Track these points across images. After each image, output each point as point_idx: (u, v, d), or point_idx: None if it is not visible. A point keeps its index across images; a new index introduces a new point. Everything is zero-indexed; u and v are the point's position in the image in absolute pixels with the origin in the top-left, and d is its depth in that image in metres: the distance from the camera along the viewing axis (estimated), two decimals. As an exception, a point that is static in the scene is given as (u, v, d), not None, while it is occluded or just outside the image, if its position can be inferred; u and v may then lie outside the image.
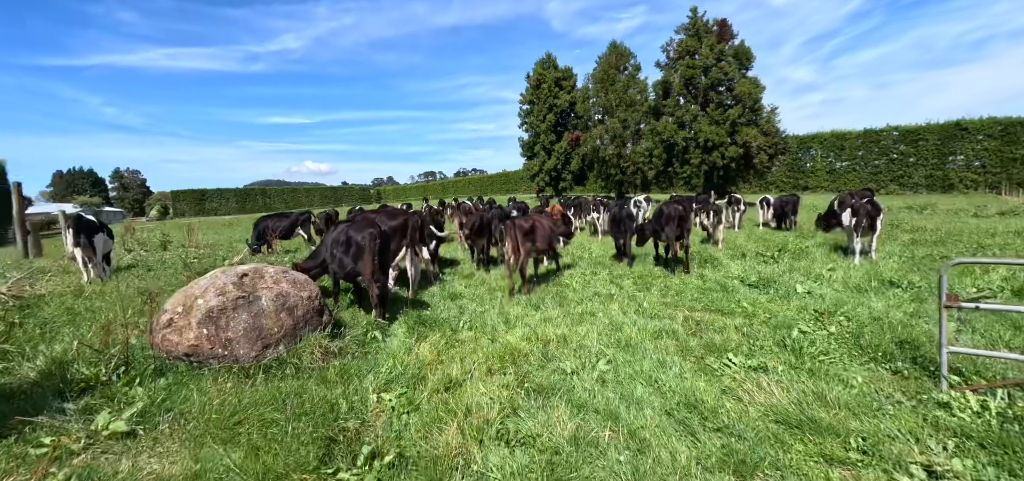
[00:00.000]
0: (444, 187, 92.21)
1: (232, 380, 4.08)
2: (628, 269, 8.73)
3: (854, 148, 38.45)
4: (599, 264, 9.39)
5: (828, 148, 40.06)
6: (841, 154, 39.38)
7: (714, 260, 9.10)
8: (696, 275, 7.91)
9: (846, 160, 38.97)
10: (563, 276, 8.34)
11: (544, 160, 43.12)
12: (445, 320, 5.79)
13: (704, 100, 31.60)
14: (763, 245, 10.72)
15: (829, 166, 40.03)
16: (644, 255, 10.09)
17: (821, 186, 39.68)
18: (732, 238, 12.37)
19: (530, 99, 44.58)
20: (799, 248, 9.97)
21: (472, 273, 9.07)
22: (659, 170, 34.31)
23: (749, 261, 8.93)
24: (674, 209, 8.35)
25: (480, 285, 7.99)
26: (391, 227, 6.80)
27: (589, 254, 10.80)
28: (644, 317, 5.69)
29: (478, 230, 9.97)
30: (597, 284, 7.63)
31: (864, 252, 9.03)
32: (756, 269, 8.01)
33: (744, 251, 9.86)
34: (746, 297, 6.34)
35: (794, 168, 42.02)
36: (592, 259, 10.06)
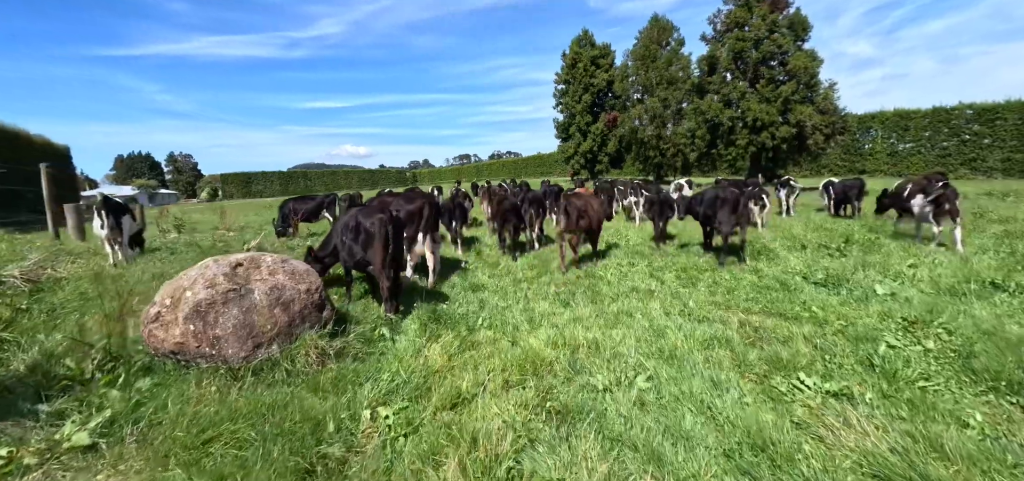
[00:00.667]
0: (478, 170, 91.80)
1: (218, 383, 3.63)
2: (670, 260, 7.84)
3: (920, 128, 34.89)
4: (637, 254, 8.54)
5: (890, 128, 36.58)
6: (905, 135, 35.87)
7: (769, 251, 8.06)
8: (750, 268, 6.96)
9: (910, 141, 35.47)
10: (597, 267, 7.57)
11: (579, 142, 41.78)
12: (462, 317, 5.19)
13: (754, 76, 29.39)
14: (825, 235, 9.51)
15: (891, 148, 36.62)
16: (688, 243, 9.15)
17: (880, 170, 36.43)
18: (787, 226, 11.14)
19: (565, 79, 43.13)
20: (867, 239, 8.75)
21: (497, 262, 8.44)
22: (702, 152, 32.42)
23: (811, 254, 7.84)
24: (730, 193, 7.40)
25: (505, 275, 7.36)
26: (406, 212, 6.24)
27: (626, 242, 9.94)
28: (691, 320, 4.88)
29: (505, 214, 9.32)
30: (635, 277, 6.83)
31: (942, 244, 7.75)
32: (821, 264, 6.96)
33: (804, 242, 8.72)
34: (813, 298, 5.39)
35: (851, 150, 38.78)
36: (629, 248, 9.21)
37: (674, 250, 8.75)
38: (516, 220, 9.60)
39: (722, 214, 7.41)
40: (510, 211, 9.40)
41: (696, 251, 8.46)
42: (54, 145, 39.37)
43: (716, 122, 30.57)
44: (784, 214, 14.67)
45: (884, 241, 8.53)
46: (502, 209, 9.44)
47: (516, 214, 9.55)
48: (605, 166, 41.66)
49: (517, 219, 9.67)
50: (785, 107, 27.83)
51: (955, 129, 33.10)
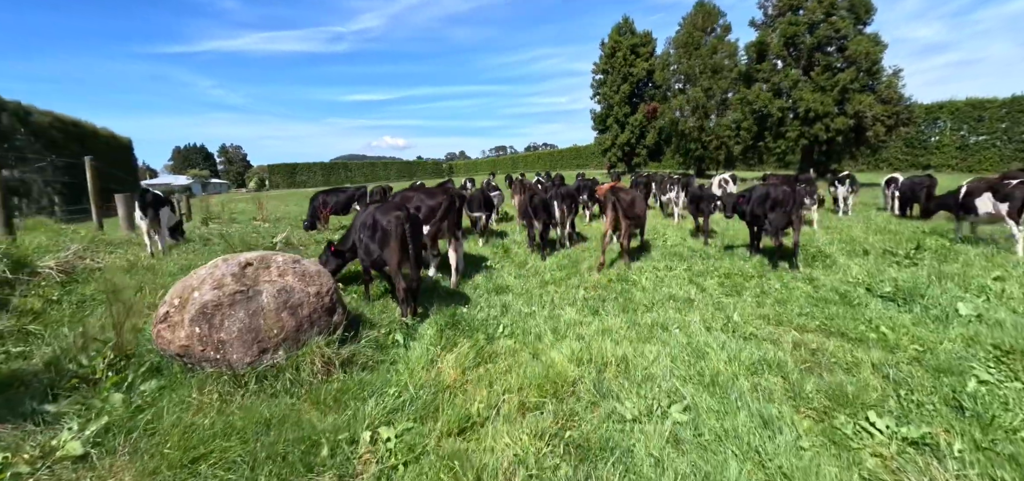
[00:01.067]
0: (513, 162, 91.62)
1: (221, 389, 3.47)
2: (712, 265, 7.22)
3: (995, 119, 31.70)
4: (675, 256, 7.94)
5: (961, 119, 33.43)
6: (978, 126, 32.66)
7: (824, 257, 7.27)
8: (803, 276, 6.26)
9: (984, 133, 32.30)
10: (631, 270, 7.06)
11: (617, 134, 40.61)
12: (482, 323, 4.86)
13: (808, 63, 27.43)
14: (890, 239, 8.56)
15: (961, 141, 33.43)
16: (732, 244, 8.44)
17: (948, 165, 33.34)
18: (844, 227, 10.15)
19: (604, 68, 41.94)
20: (941, 246, 7.76)
21: (525, 260, 8.06)
22: (747, 145, 30.68)
23: (874, 261, 7.00)
24: (782, 190, 6.71)
25: (532, 276, 6.98)
26: (427, 208, 5.96)
27: (664, 242, 9.32)
28: (736, 337, 4.34)
29: (534, 210, 8.91)
30: (672, 283, 6.29)
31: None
32: (887, 273, 6.17)
33: (865, 246, 7.84)
34: (880, 315, 4.70)
35: (915, 143, 35.76)
36: (667, 249, 8.60)
37: (717, 252, 8.08)
38: (546, 216, 9.18)
39: (776, 214, 6.72)
40: (539, 207, 8.98)
41: (741, 254, 7.76)
42: (118, 137, 42.12)
43: (764, 113, 28.78)
44: (841, 214, 13.50)
45: (962, 249, 7.53)
46: (531, 205, 9.04)
47: (546, 210, 9.13)
48: (643, 159, 40.34)
49: (547, 215, 9.24)
50: (842, 96, 25.80)
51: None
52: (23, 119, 25.51)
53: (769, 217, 6.82)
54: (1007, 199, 7.21)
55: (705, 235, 9.18)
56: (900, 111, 25.79)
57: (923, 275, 6.02)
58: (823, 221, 11.00)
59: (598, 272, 7.00)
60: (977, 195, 7.76)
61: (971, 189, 7.99)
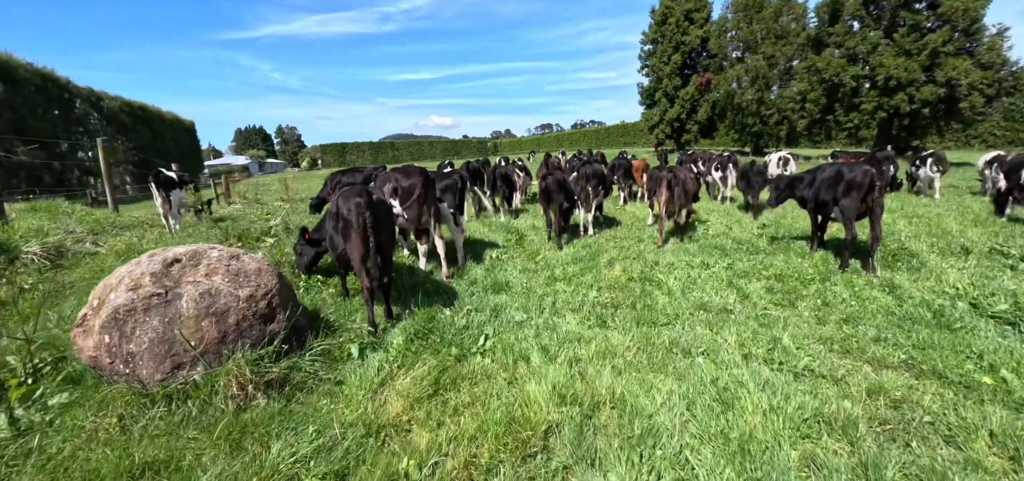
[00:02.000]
0: (558, 140, 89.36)
1: (125, 411, 2.88)
2: (760, 262, 5.96)
3: None
4: (716, 249, 6.70)
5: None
6: None
7: (909, 255, 5.82)
8: (881, 282, 4.93)
9: None
10: (659, 266, 5.97)
11: (665, 108, 38.05)
12: (460, 332, 4.04)
13: (890, 23, 24.04)
14: (997, 234, 6.87)
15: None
16: (783, 235, 7.08)
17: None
18: (934, 218, 8.38)
19: (653, 37, 39.22)
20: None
21: (538, 250, 7.14)
22: (813, 119, 27.62)
23: (978, 264, 5.49)
24: (862, 171, 5.35)
25: (541, 270, 6.06)
26: (402, 190, 5.18)
27: (705, 231, 8.04)
28: (783, 371, 3.24)
29: (549, 192, 7.92)
30: (707, 286, 5.15)
31: None
32: (999, 283, 4.72)
33: (964, 243, 6.25)
34: (995, 348, 3.41)
35: (1015, 116, 31.01)
36: (707, 240, 7.34)
37: (768, 246, 6.77)
38: (564, 199, 8.15)
39: (849, 201, 5.39)
40: (554, 188, 7.96)
41: (800, 249, 6.43)
42: (182, 120, 44.66)
43: (836, 82, 25.69)
44: (922, 194, 11.46)
45: (1102, 246, 5.81)
46: (546, 186, 8.04)
47: (563, 192, 8.10)
48: (694, 136, 37.64)
49: (565, 198, 8.21)
50: (932, 61, 22.40)
51: None
52: (95, 104, 27.19)
53: (841, 203, 5.48)
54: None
55: (755, 211, 7.98)
56: (1003, 78, 22.09)
57: (1052, 285, 4.54)
58: (906, 206, 9.22)
59: (659, 247, 7.05)
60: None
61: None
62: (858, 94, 25.18)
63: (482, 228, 8.96)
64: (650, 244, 7.21)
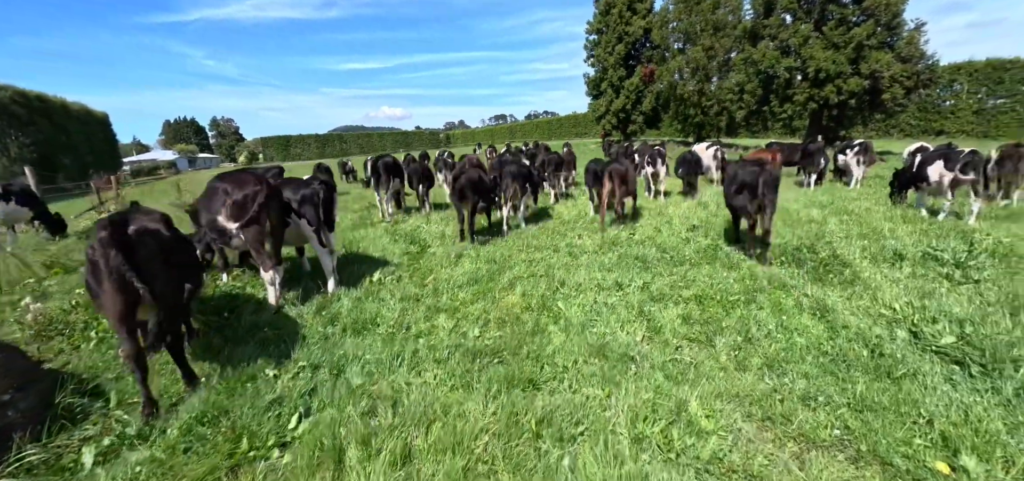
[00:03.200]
0: (511, 131, 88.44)
1: None
2: (684, 278, 5.17)
3: (1016, 81, 29.28)
4: (636, 260, 5.87)
5: (980, 81, 30.89)
6: (997, 89, 30.20)
7: (841, 265, 5.22)
8: (811, 305, 4.22)
9: (1003, 96, 29.90)
10: (565, 287, 5.05)
11: (611, 99, 37.85)
12: (268, 407, 2.90)
13: (820, 16, 24.66)
14: (924, 233, 6.48)
15: (978, 105, 31.00)
16: (717, 244, 6.38)
17: (963, 130, 31.08)
18: (865, 214, 8.01)
19: (598, 27, 38.84)
20: (1000, 246, 5.67)
21: (434, 268, 6.05)
22: (751, 110, 28.11)
23: (915, 272, 4.95)
24: (750, 174, 4.99)
25: (428, 297, 4.98)
26: (232, 204, 3.96)
27: (629, 237, 7.22)
28: (683, 467, 2.33)
29: (461, 192, 6.91)
30: (614, 315, 4.25)
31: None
32: (940, 303, 4.11)
33: (898, 248, 5.74)
34: (945, 405, 2.67)
35: (928, 108, 33.13)
36: (631, 246, 6.51)
37: (694, 254, 6.02)
38: (479, 199, 7.15)
39: (742, 197, 4.85)
40: (470, 187, 6.94)
41: (727, 260, 5.72)
42: (93, 112, 39.75)
43: (770, 74, 26.17)
44: (851, 186, 11.35)
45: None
46: (460, 184, 7.00)
47: (480, 191, 7.10)
48: (639, 126, 37.70)
49: (481, 198, 7.22)
50: (857, 54, 23.14)
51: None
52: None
53: (735, 202, 5.04)
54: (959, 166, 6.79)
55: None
56: (921, 71, 23.16)
57: (995, 304, 3.98)
58: (836, 200, 8.88)
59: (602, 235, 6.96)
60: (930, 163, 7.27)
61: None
62: (791, 86, 25.78)
63: (383, 238, 7.76)
64: (565, 254, 6.30)
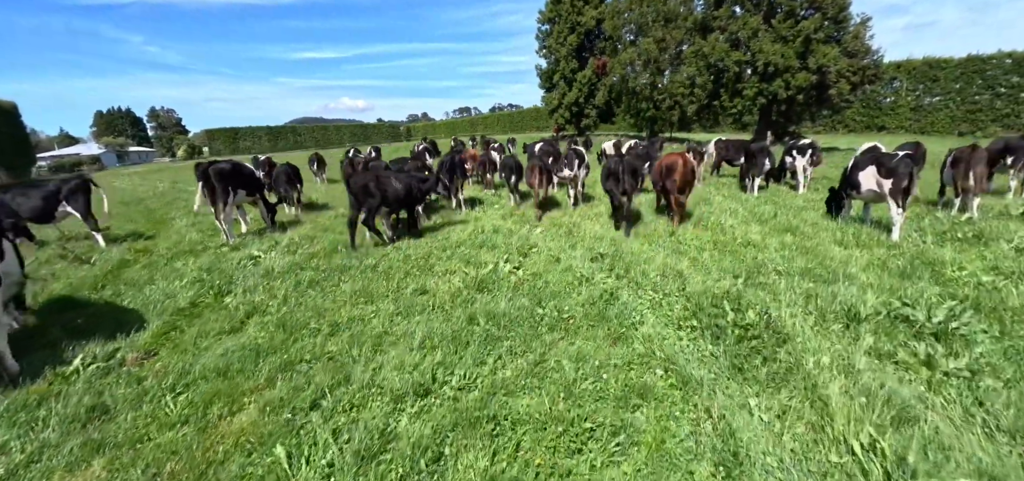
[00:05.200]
0: (473, 124, 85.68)
1: None
2: (556, 344, 3.40)
3: (950, 79, 29.95)
4: (519, 313, 4.08)
5: (918, 79, 31.54)
6: (933, 87, 30.91)
7: (774, 335, 3.61)
8: (719, 441, 2.53)
9: (939, 94, 30.60)
10: (384, 373, 3.19)
11: (564, 92, 36.32)
12: None
13: (769, 9, 23.82)
14: (883, 265, 5.00)
15: (916, 101, 31.68)
16: (627, 270, 4.66)
17: (903, 126, 31.84)
18: (810, 229, 6.54)
19: (550, 17, 37.15)
20: (980, 287, 4.22)
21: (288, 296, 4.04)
22: (702, 104, 27.16)
23: (878, 342, 3.37)
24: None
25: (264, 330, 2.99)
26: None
27: (510, 274, 5.43)
28: None
29: (358, 193, 5.19)
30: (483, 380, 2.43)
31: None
32: (919, 412, 2.51)
33: (852, 304, 4.20)
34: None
35: (870, 104, 33.54)
36: (516, 291, 4.72)
37: (590, 302, 4.27)
38: (361, 204, 5.32)
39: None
40: (364, 190, 5.17)
41: (619, 320, 4.00)
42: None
43: (721, 67, 25.22)
44: (801, 189, 10.06)
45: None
46: (355, 187, 5.24)
47: (372, 193, 5.35)
48: (593, 120, 36.38)
49: (370, 198, 5.41)
50: (805, 48, 22.41)
51: (990, 80, 28.09)
52: None
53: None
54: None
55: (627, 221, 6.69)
56: (867, 66, 22.69)
57: (1008, 435, 2.39)
58: (780, 213, 7.41)
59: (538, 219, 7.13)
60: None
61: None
62: (741, 79, 24.95)
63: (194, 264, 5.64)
64: (399, 304, 4.43)
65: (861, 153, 9.92)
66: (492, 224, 7.75)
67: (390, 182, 6.74)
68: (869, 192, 6.30)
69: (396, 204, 6.86)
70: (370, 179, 6.61)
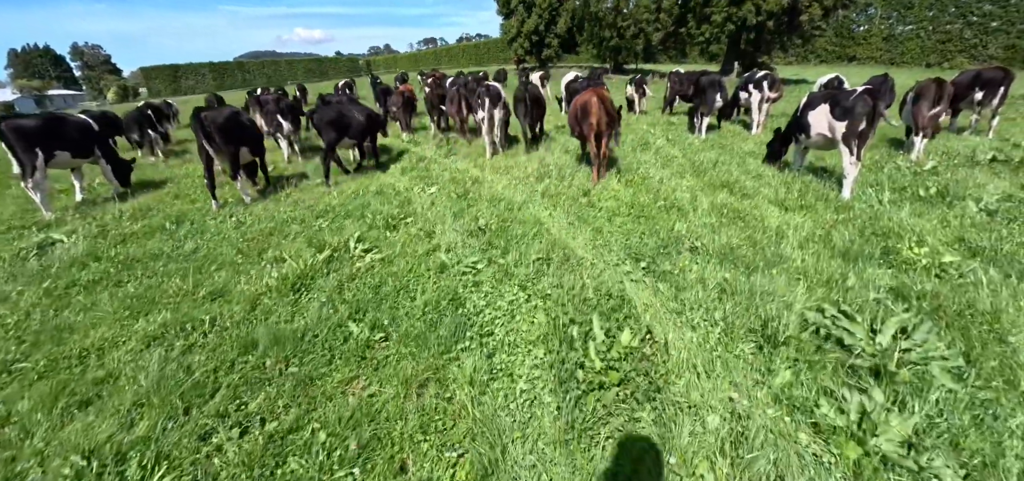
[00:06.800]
0: (437, 56, 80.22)
1: None
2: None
3: (924, 6, 28.86)
4: (357, 314, 2.88)
5: (892, 6, 30.35)
6: (907, 14, 29.81)
7: (646, 385, 2.52)
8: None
9: (912, 22, 29.56)
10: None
11: (523, 19, 33.52)
12: None
13: (740, -79, 21.66)
14: (827, 241, 3.94)
15: (888, 30, 30.67)
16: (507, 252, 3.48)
17: (873, 57, 30.92)
18: (750, 188, 5.43)
19: (508, -69, 33.58)
20: (937, 298, 3.20)
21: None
22: (668, 31, 25.28)
23: (794, 392, 2.31)
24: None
25: None
26: None
27: (374, 256, 4.17)
28: None
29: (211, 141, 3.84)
30: None
31: None
32: None
33: (772, 322, 3.13)
34: None
35: (843, 33, 32.31)
36: (366, 280, 3.49)
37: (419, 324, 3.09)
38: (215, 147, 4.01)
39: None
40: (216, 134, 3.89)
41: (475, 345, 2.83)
42: None
43: (687, -10, 23.24)
44: (754, 129, 8.93)
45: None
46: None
47: (237, 135, 4.20)
48: (555, 51, 33.95)
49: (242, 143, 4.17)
50: (777, -34, 20.61)
51: (963, 8, 27.06)
52: None
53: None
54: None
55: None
56: (842, -13, 21.18)
57: None
58: (723, 159, 6.22)
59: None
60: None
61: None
62: (709, 3, 23.07)
63: None
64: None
65: (818, 88, 8.79)
66: (392, 181, 6.39)
67: (353, 114, 6.77)
68: (819, 137, 5.17)
69: (359, 136, 6.97)
70: (333, 112, 6.58)
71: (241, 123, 5.69)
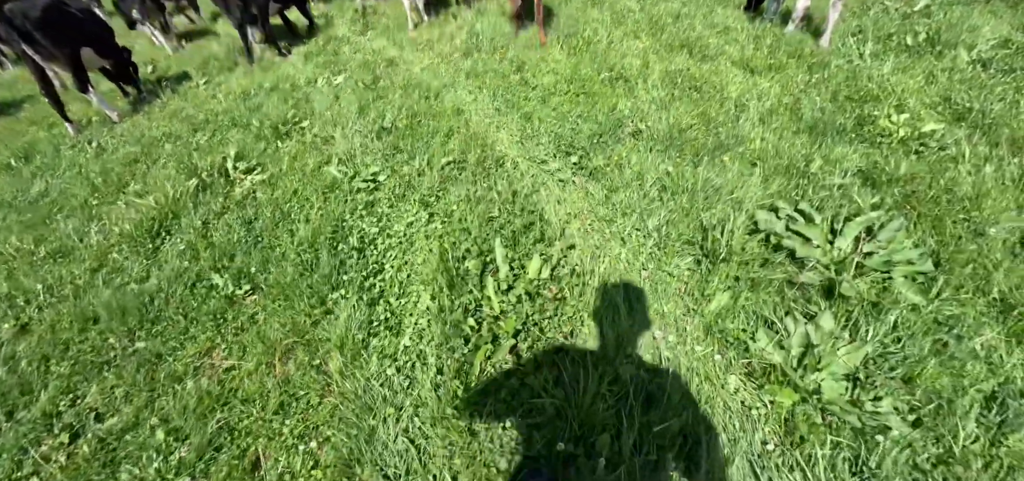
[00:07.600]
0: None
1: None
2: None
3: None
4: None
5: None
6: None
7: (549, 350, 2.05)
8: None
9: None
10: None
11: None
12: None
13: None
14: (795, 57, 3.33)
15: None
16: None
17: None
18: (719, 33, 4.61)
19: None
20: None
21: None
22: None
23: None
24: None
25: None
26: None
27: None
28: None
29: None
30: None
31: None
32: None
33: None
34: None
35: None
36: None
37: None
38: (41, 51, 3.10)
39: None
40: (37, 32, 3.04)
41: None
42: None
43: None
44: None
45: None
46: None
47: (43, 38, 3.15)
48: None
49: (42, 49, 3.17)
50: None
51: None
52: None
53: None
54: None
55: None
56: None
57: None
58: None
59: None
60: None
61: None
62: None
63: None
64: None
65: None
66: (293, 73, 5.29)
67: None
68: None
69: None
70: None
71: (69, 12, 4.35)
